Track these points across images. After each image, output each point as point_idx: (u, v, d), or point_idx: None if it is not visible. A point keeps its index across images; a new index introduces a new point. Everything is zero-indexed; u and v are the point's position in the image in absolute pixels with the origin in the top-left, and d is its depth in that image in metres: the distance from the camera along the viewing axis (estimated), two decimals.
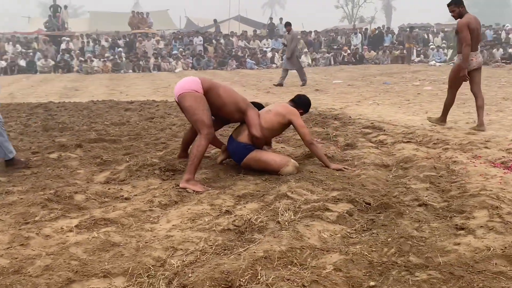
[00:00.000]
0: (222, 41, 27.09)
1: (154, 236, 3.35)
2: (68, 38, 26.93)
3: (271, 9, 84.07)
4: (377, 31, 29.65)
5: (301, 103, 5.17)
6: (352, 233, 3.36)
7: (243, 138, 4.69)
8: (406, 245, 3.06)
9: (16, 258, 3.00)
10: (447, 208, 3.75)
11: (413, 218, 3.54)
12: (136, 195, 4.30)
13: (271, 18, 29.86)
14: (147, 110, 9.76)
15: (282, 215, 3.64)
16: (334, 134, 6.67)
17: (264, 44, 27.60)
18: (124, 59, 24.52)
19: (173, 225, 3.55)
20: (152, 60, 24.32)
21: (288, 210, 3.71)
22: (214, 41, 26.79)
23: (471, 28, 6.61)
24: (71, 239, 3.30)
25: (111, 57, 24.80)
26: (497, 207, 3.54)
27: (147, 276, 2.77)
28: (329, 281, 2.59)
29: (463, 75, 6.75)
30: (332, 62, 26.19)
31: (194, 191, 4.12)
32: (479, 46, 7.04)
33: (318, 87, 14.34)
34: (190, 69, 23.90)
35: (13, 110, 10.26)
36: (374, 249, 3.03)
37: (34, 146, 6.32)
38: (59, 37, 27.15)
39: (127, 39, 27.26)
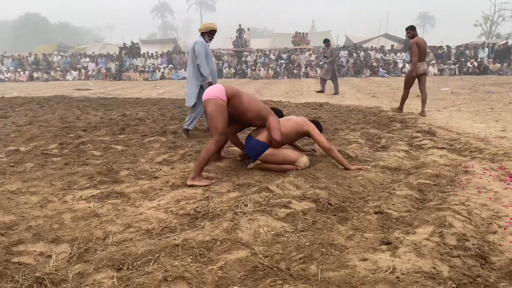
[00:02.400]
0: (362, 54, 25.52)
1: (133, 212, 3.11)
2: (247, 53, 27.90)
3: (422, 29, 77.64)
4: (503, 46, 25.13)
5: (315, 122, 4.47)
6: (288, 231, 2.73)
7: (262, 137, 4.20)
8: (317, 252, 2.38)
9: (21, 216, 3.02)
10: (400, 219, 2.86)
11: (353, 225, 2.76)
12: (165, 175, 4.11)
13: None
14: None
15: (246, 206, 3.12)
16: (380, 135, 5.69)
17: (398, 56, 25.30)
18: (282, 68, 24.61)
19: (157, 204, 3.27)
20: (302, 69, 24.00)
21: (255, 202, 3.18)
22: (354, 54, 25.36)
23: (419, 45, 7.69)
24: (75, 206, 3.23)
25: (274, 67, 25.05)
26: (449, 225, 2.58)
27: (81, 246, 2.55)
28: (198, 278, 2.10)
29: (412, 76, 7.83)
30: (457, 73, 22.99)
31: (201, 185, 3.75)
32: (425, 59, 7.90)
33: (382, 95, 12.59)
34: None
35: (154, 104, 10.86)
36: (281, 252, 2.41)
37: (147, 131, 6.52)
38: (241, 52, 28.25)
39: (290, 53, 27.25)
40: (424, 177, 3.71)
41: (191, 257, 2.35)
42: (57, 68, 26.23)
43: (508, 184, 3.46)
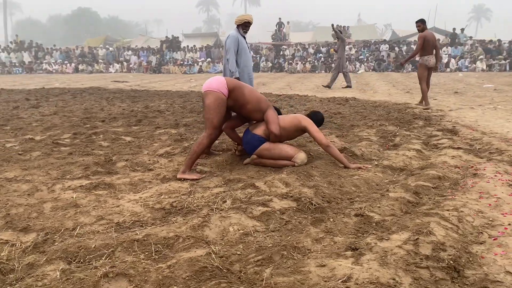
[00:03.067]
0: (404, 48, 24.55)
1: (112, 204, 3.09)
2: (285, 47, 27.64)
3: (477, 22, 73.62)
4: None
5: (315, 120, 4.25)
6: (258, 231, 2.61)
7: (259, 131, 4.07)
8: (277, 255, 2.25)
9: (5, 204, 3.06)
10: (381, 223, 2.65)
11: (326, 228, 2.59)
12: (161, 168, 4.08)
13: (454, 29, 25.81)
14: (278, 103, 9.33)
15: (224, 202, 3.03)
16: (396, 133, 5.40)
17: (444, 51, 24.09)
18: (320, 62, 24.17)
19: (139, 197, 3.23)
20: None
21: (235, 199, 3.07)
22: (396, 48, 24.44)
23: (427, 39, 7.94)
24: (60, 196, 3.26)
25: (312, 61, 24.66)
26: (428, 232, 2.36)
27: (43, 236, 2.55)
28: (142, 276, 2.03)
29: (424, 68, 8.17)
30: (507, 68, 21.62)
31: (191, 179, 3.69)
32: (433, 52, 8.13)
33: (463, 90, 11.94)
34: (371, 71, 22.33)
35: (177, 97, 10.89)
36: (240, 253, 2.30)
37: (162, 123, 6.56)
38: (279, 46, 28.02)
39: (329, 47, 26.69)
40: (424, 179, 3.45)
41: (146, 253, 2.29)
42: (101, 61, 27.16)
43: None
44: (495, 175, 3.48)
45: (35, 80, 19.08)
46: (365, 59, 23.62)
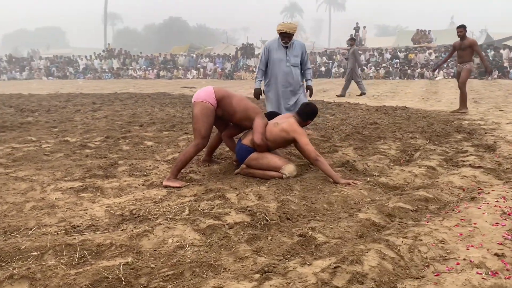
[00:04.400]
0: (491, 53, 22.43)
1: (84, 207, 3.24)
2: (360, 52, 26.78)
3: None
4: None
5: (305, 114, 4.03)
6: (194, 245, 2.56)
7: (246, 141, 4.01)
8: (189, 271, 2.21)
9: None
10: (320, 246, 2.45)
11: (258, 247, 2.46)
12: (156, 174, 4.19)
13: None
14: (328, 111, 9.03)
15: (183, 212, 3.03)
16: (420, 147, 4.95)
17: None
18: (396, 68, 23.01)
19: (113, 202, 3.36)
20: (417, 70, 22.09)
21: (195, 210, 3.06)
22: (492, 52, 22.40)
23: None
24: (47, 197, 3.49)
25: (387, 66, 23.58)
26: (356, 261, 2.14)
27: (5, 234, 2.76)
28: (45, 281, 2.10)
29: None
30: None
31: (173, 187, 3.74)
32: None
33: (486, 101, 10.61)
34: (450, 77, 20.73)
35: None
36: (153, 266, 2.28)
37: (191, 128, 6.70)
38: None
39: (407, 52, 25.35)
40: (408, 200, 3.13)
41: (70, 258, 2.36)
42: (180, 67, 28.65)
43: (505, 219, 2.72)
44: (496, 201, 3.04)
45: (116, 85, 20.68)
46: (445, 65, 21.95)
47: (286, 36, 5.27)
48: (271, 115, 4.28)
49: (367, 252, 2.25)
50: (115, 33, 79.36)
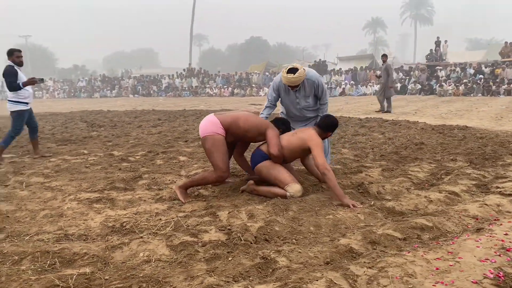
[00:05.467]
0: None
1: (86, 218, 3.45)
2: (440, 67, 25.25)
3: None
4: None
5: (325, 126, 3.92)
6: (161, 260, 2.61)
7: (264, 147, 4.00)
8: (136, 286, 2.25)
9: (17, 207, 3.71)
10: (276, 270, 2.35)
11: (213, 267, 2.43)
12: (171, 188, 4.31)
13: None
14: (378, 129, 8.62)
15: (167, 228, 3.11)
16: (452, 171, 4.52)
17: None
18: (479, 84, 21.27)
19: (115, 214, 3.53)
20: (504, 86, 20.19)
21: (179, 226, 3.12)
22: None
23: None
24: (62, 206, 3.77)
25: (468, 82, 21.91)
26: None
27: (7, 239, 3.03)
28: (4, 284, 2.28)
29: None
30: None
31: (179, 198, 3.84)
32: None
33: None
34: None
35: None
36: (107, 278, 2.36)
37: None
38: (434, 66, 25.74)
39: (494, 67, 23.35)
40: (400, 227, 2.88)
41: (41, 264, 2.52)
42: (254, 85, 29.29)
43: (500, 255, 2.38)
44: (505, 234, 2.70)
45: (191, 102, 21.71)
46: None
47: (291, 87, 4.40)
48: (280, 122, 4.24)
49: (316, 280, 2.12)
50: (201, 53, 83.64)
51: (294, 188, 3.74)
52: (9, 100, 6.09)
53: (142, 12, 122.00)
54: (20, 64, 6.05)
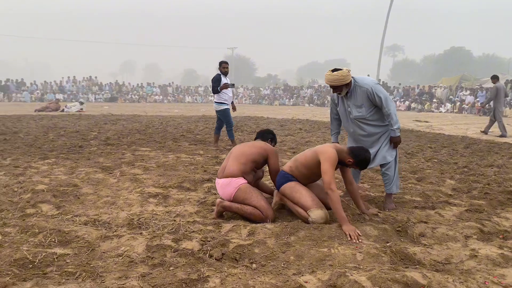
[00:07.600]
0: None
1: (128, 210, 3.90)
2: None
3: None
4: None
5: (357, 156, 3.45)
6: (129, 257, 2.79)
7: (285, 167, 3.85)
8: (81, 272, 2.52)
9: (96, 187, 4.47)
10: None
11: (147, 274, 2.48)
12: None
13: None
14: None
15: (165, 228, 3.30)
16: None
17: None
18: None
19: (152, 209, 3.89)
20: None
21: (177, 229, 3.27)
22: None
23: None
24: (124, 196, 4.35)
25: None
26: None
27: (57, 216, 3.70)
28: None
29: None
30: None
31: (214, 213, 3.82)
32: None
33: None
34: None
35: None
36: (77, 261, 2.69)
37: None
38: None
39: None
40: (377, 277, 2.38)
41: (44, 239, 3.02)
42: (434, 100, 26.78)
43: None
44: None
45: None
46: None
47: (334, 88, 3.99)
48: (265, 132, 4.30)
49: None
50: (394, 64, 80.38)
51: (316, 214, 3.45)
52: (215, 102, 7.96)
53: (334, 20, 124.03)
54: (225, 73, 7.84)
